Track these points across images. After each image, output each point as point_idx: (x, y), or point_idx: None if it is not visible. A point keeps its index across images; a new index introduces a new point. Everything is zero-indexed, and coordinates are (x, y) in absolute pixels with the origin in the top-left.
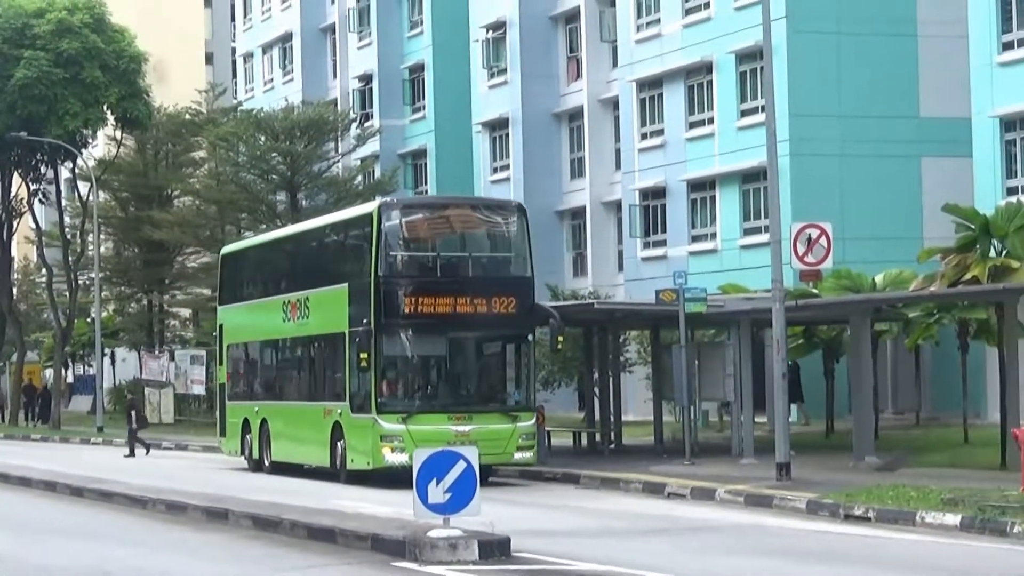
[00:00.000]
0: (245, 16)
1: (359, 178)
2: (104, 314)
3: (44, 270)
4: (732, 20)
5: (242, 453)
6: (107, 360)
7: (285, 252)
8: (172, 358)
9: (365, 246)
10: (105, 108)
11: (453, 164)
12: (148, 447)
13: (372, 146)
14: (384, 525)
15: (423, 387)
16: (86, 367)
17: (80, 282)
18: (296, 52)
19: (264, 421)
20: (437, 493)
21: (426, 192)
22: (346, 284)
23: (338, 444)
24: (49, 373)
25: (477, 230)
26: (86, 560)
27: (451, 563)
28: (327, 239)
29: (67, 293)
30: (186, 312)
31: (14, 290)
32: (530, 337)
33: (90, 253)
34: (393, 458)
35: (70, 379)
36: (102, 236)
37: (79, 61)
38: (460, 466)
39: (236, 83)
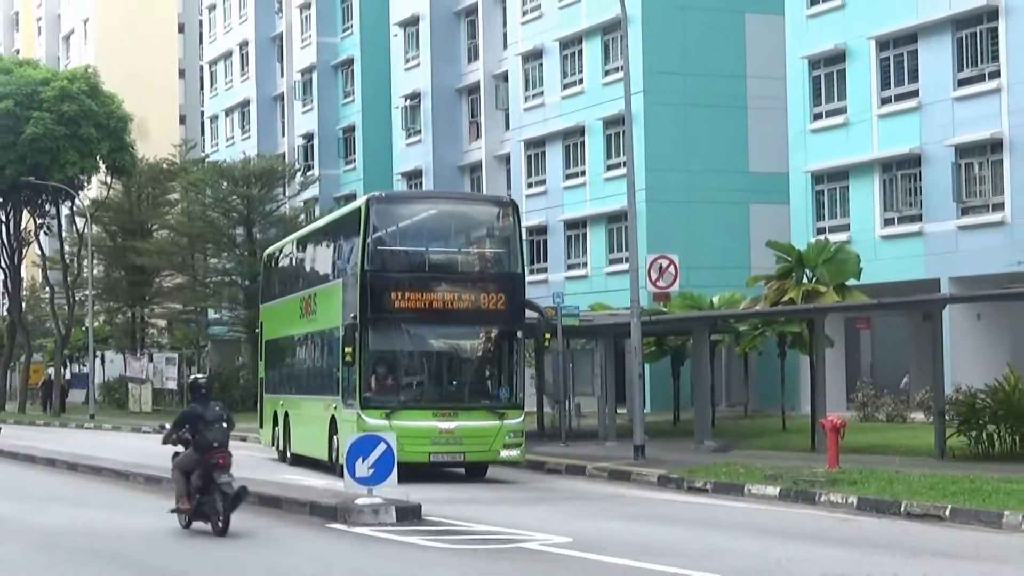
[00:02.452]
0: (212, 85)
1: (302, 216)
2: (96, 324)
3: (47, 288)
4: (601, 93)
5: (273, 444)
6: (98, 361)
7: (300, 251)
8: (151, 360)
9: (355, 241)
10: (98, 158)
11: None
12: None
13: (313, 191)
14: (320, 495)
15: (408, 383)
16: (80, 366)
17: (76, 298)
18: (252, 115)
19: (287, 414)
20: (363, 469)
21: None
22: (340, 280)
23: (334, 438)
24: (51, 372)
25: (467, 225)
26: (79, 522)
27: (374, 525)
28: (326, 236)
29: (66, 307)
30: (162, 323)
31: (23, 304)
32: (519, 334)
33: (85, 275)
34: None
35: (68, 376)
36: (94, 261)
37: (77, 120)
38: (381, 447)
39: (204, 139)
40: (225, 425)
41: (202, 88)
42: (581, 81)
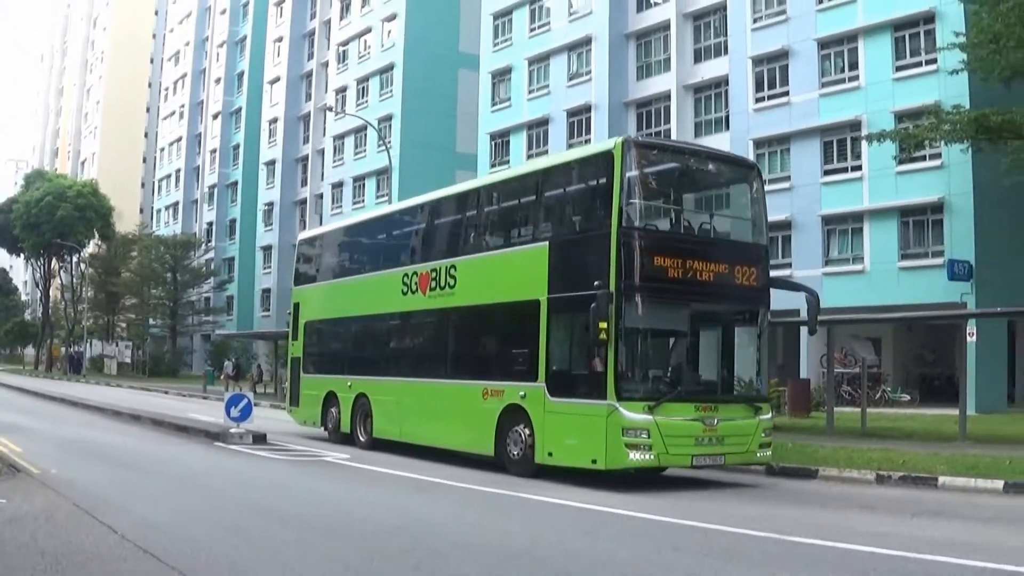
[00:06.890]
0: (159, 192)
1: (204, 268)
2: (87, 323)
3: (63, 303)
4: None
5: (322, 424)
6: (88, 345)
7: (408, 225)
8: (117, 345)
9: (595, 192)
10: (95, 230)
11: (248, 268)
12: None
13: (210, 255)
14: (210, 427)
15: (665, 369)
16: (78, 347)
17: (78, 309)
18: (180, 210)
19: (362, 396)
20: (235, 412)
21: (232, 277)
22: (546, 243)
23: (516, 430)
24: (72, 349)
25: (721, 184)
26: (82, 435)
27: (239, 444)
28: (511, 195)
29: (72, 313)
30: (124, 324)
31: (49, 311)
32: (768, 314)
33: (83, 296)
34: (638, 456)
35: (73, 352)
36: (88, 289)
37: (85, 209)
38: (244, 401)
39: (153, 222)
40: None
41: (153, 193)
42: (363, 203)
